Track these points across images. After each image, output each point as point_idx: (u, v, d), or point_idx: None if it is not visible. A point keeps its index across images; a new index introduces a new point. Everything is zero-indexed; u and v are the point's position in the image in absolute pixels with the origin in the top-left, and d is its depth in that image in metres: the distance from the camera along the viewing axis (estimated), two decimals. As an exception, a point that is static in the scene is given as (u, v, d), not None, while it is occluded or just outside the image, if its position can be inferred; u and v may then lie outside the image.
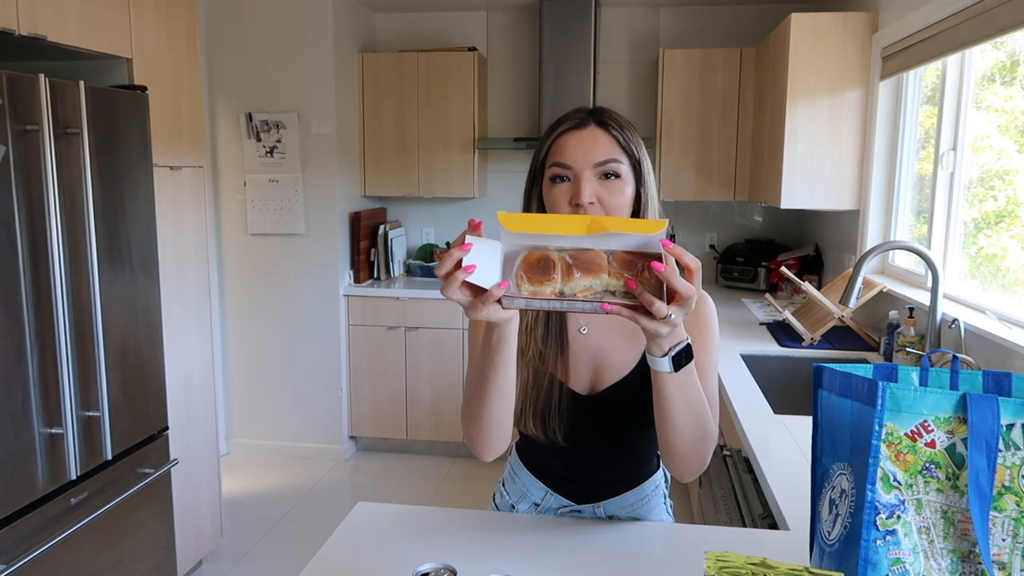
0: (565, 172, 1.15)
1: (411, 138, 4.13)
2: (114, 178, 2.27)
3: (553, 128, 1.19)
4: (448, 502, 3.63)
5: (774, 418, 1.96)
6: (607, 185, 1.14)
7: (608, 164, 1.14)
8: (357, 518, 1.34)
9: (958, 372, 0.96)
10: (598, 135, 1.15)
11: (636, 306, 0.90)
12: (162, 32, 2.60)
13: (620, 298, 0.91)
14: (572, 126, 1.17)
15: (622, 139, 1.16)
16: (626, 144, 1.16)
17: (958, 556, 0.88)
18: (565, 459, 1.33)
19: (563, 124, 1.18)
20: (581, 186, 1.12)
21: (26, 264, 1.93)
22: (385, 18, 4.37)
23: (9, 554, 1.90)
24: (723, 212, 4.31)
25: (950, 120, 2.50)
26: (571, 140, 1.15)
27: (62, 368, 2.04)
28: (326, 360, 4.04)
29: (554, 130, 1.19)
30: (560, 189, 1.15)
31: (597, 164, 1.13)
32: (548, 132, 1.20)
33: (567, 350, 1.26)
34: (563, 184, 1.15)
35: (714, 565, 0.84)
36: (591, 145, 1.14)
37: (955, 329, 2.16)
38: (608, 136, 1.15)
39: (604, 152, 1.14)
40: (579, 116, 1.18)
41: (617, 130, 1.16)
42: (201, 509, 2.91)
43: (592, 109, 1.20)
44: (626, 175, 1.15)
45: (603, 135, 1.15)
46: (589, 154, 1.14)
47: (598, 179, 1.14)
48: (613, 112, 1.20)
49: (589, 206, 1.12)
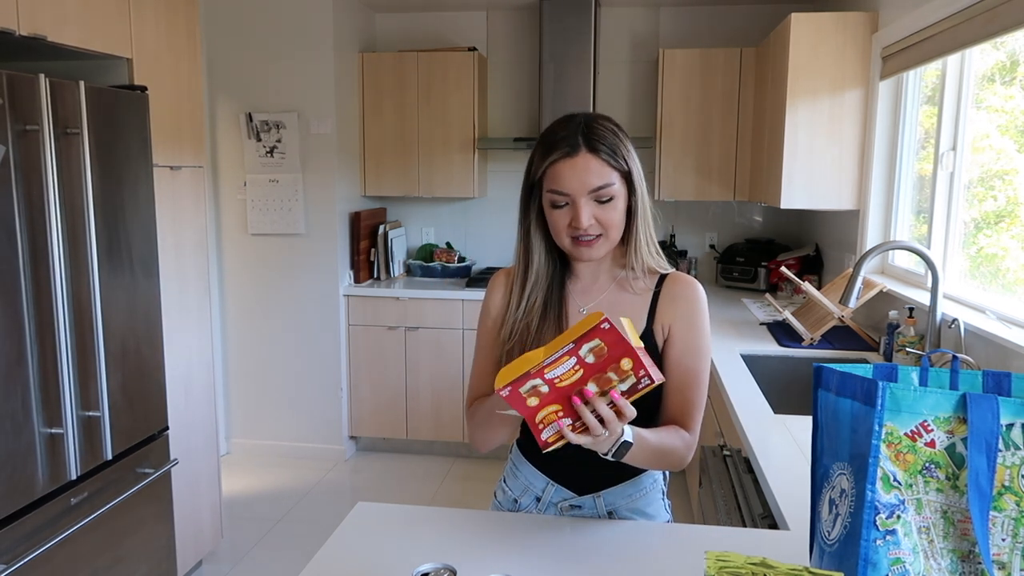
0: (562, 199, 1.25)
1: (411, 138, 4.13)
2: (114, 178, 2.27)
3: (546, 152, 1.26)
4: (448, 502, 3.63)
5: (774, 418, 1.96)
6: (602, 206, 1.25)
7: (602, 190, 1.24)
8: (357, 518, 1.34)
9: (958, 372, 0.96)
10: (590, 162, 1.23)
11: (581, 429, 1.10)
12: (162, 32, 2.60)
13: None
14: (564, 154, 1.24)
15: (612, 160, 1.25)
16: (616, 163, 1.25)
17: (958, 556, 0.88)
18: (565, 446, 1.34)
19: (555, 152, 1.25)
20: (579, 211, 1.23)
21: (26, 264, 1.93)
22: (385, 18, 4.37)
23: (9, 554, 1.90)
24: (723, 212, 4.31)
25: (950, 120, 2.50)
26: (565, 169, 1.24)
27: (62, 368, 2.04)
28: (326, 360, 4.04)
29: (547, 155, 1.26)
30: (560, 214, 1.26)
31: (592, 191, 1.23)
32: (542, 155, 1.27)
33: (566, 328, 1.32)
34: (562, 209, 1.26)
35: (714, 565, 0.84)
36: (584, 174, 1.23)
37: (955, 329, 2.16)
38: (599, 161, 1.24)
39: (597, 179, 1.23)
40: (569, 142, 1.24)
41: (607, 152, 1.24)
42: (201, 509, 2.91)
43: (582, 125, 1.26)
44: (619, 192, 1.26)
45: (594, 161, 1.23)
46: (584, 182, 1.23)
47: (594, 202, 1.24)
48: (600, 126, 1.26)
49: (588, 227, 1.24)
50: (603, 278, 1.37)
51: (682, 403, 1.32)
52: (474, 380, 1.42)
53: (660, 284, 1.35)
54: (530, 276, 1.35)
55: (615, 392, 1.07)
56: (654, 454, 1.24)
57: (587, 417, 1.07)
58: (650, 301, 1.34)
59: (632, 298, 1.34)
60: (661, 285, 1.35)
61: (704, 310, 1.34)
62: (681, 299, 1.33)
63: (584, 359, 1.06)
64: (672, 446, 1.27)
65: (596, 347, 1.05)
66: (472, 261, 4.40)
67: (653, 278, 1.36)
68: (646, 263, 1.33)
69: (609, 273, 1.37)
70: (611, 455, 1.16)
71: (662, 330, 1.33)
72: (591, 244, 1.26)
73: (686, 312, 1.33)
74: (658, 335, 1.33)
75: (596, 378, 1.07)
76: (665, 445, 1.26)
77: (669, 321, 1.33)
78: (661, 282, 1.35)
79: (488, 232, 4.50)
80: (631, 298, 1.34)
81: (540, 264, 1.35)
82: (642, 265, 1.33)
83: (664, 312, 1.33)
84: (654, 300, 1.34)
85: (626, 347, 1.05)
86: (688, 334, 1.32)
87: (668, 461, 1.29)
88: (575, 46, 3.92)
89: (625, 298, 1.35)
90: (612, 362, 1.06)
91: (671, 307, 1.33)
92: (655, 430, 1.27)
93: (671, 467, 1.31)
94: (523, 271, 1.36)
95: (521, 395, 1.07)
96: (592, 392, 1.07)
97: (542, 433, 1.10)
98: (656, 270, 1.36)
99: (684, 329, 1.32)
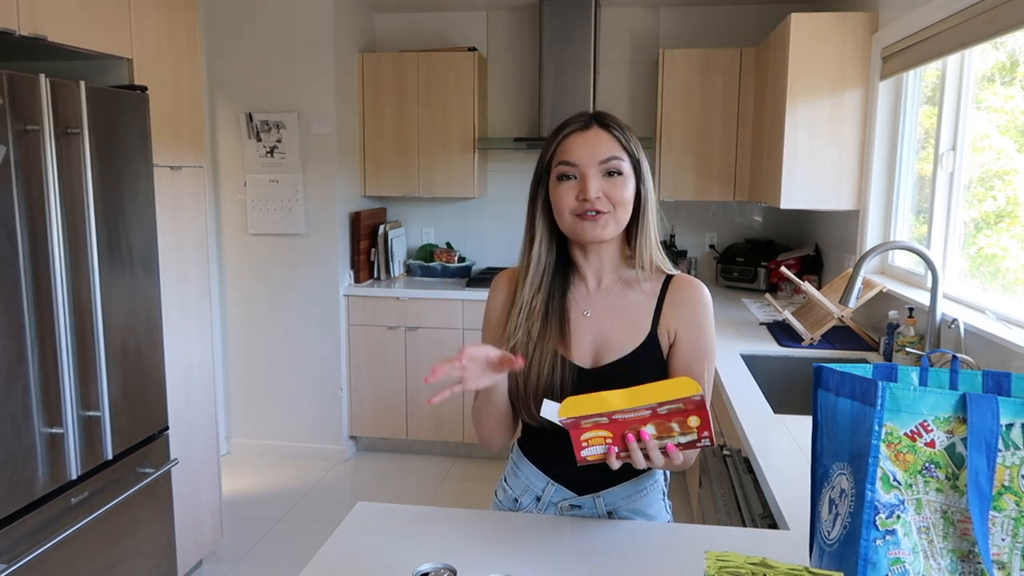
0: (571, 171, 1.25)
1: (411, 138, 4.13)
2: (114, 178, 2.27)
3: (558, 131, 1.30)
4: (448, 502, 3.63)
5: (774, 418, 1.96)
6: (611, 181, 1.25)
7: (611, 161, 1.25)
8: (357, 518, 1.34)
9: (958, 372, 0.96)
10: (601, 135, 1.27)
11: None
12: (162, 32, 2.60)
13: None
14: (576, 128, 1.27)
15: (623, 139, 1.27)
16: (627, 144, 1.27)
17: (958, 556, 0.88)
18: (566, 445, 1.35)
19: (568, 127, 1.29)
20: (588, 182, 1.24)
21: (26, 264, 1.93)
22: (385, 18, 4.38)
23: (9, 554, 1.90)
24: (723, 212, 4.31)
25: (950, 120, 2.50)
26: (576, 140, 1.26)
27: (62, 368, 2.04)
28: (326, 360, 4.04)
29: (559, 132, 1.29)
30: (566, 186, 1.26)
31: (601, 162, 1.25)
32: (553, 135, 1.30)
33: (568, 331, 1.33)
34: (569, 182, 1.26)
35: (714, 565, 0.84)
36: (595, 144, 1.25)
37: (955, 329, 2.16)
38: (610, 136, 1.27)
39: (607, 150, 1.25)
40: (582, 119, 1.29)
41: (618, 131, 1.27)
42: (201, 509, 2.91)
43: (594, 113, 1.30)
44: (628, 172, 1.27)
45: (605, 135, 1.27)
46: (594, 152, 1.25)
47: (603, 176, 1.25)
48: (613, 116, 1.31)
49: (596, 200, 1.23)
50: (608, 279, 1.35)
51: None
52: None
53: (665, 286, 1.34)
54: (533, 270, 1.33)
55: (671, 445, 1.07)
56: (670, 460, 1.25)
57: (635, 454, 1.08)
58: (655, 303, 1.33)
59: (638, 300, 1.33)
60: (667, 287, 1.34)
61: (710, 314, 1.34)
62: (687, 302, 1.32)
63: (658, 412, 1.05)
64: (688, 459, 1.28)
65: (675, 408, 1.05)
66: (472, 261, 4.40)
67: (659, 279, 1.35)
68: (652, 258, 1.33)
69: (615, 273, 1.35)
70: None
71: (667, 333, 1.32)
72: (596, 220, 1.25)
73: (692, 316, 1.32)
74: (663, 338, 1.32)
75: (658, 423, 1.07)
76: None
77: (675, 325, 1.32)
78: (666, 284, 1.34)
79: (488, 232, 4.50)
80: (637, 300, 1.33)
81: (545, 257, 1.33)
82: (651, 261, 1.32)
83: (670, 315, 1.32)
84: (659, 302, 1.33)
85: (702, 410, 1.04)
86: (694, 338, 1.32)
87: (672, 464, 1.29)
88: (575, 46, 3.92)
89: (631, 300, 1.33)
90: (681, 416, 1.06)
91: (677, 310, 1.32)
92: None
93: (674, 468, 1.31)
94: (527, 263, 1.35)
95: (581, 425, 1.07)
96: (649, 436, 1.07)
97: (584, 450, 1.09)
98: (662, 270, 1.35)
99: (690, 333, 1.32)
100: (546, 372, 1.30)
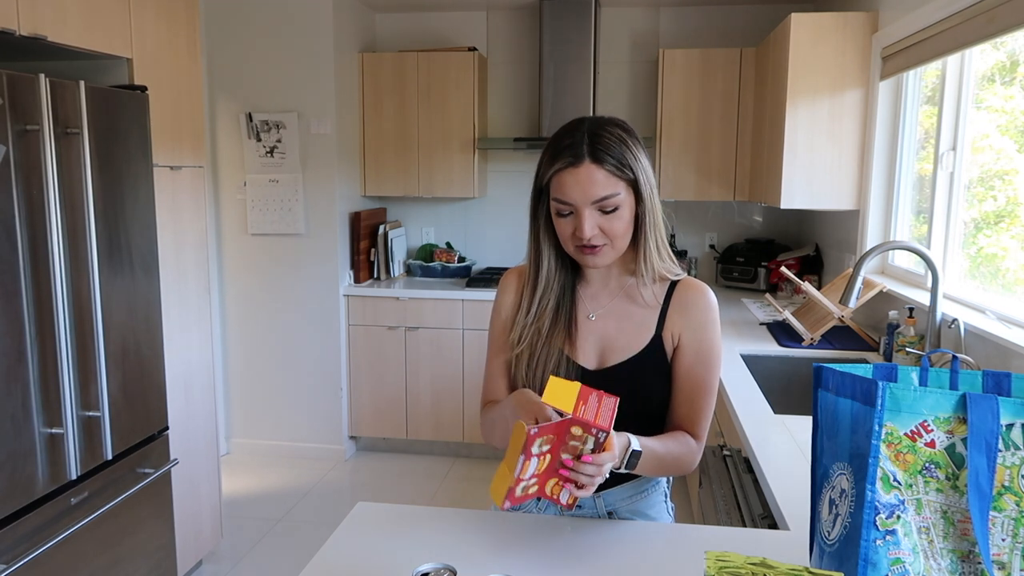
0: (566, 208, 1.24)
1: (411, 138, 4.13)
2: (114, 178, 2.27)
3: (552, 159, 1.24)
4: (448, 502, 3.63)
5: (774, 418, 1.96)
6: (606, 216, 1.23)
7: (605, 201, 1.22)
8: (357, 518, 1.34)
9: (958, 372, 0.96)
10: (593, 173, 1.21)
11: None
12: (162, 32, 2.60)
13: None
14: (568, 164, 1.22)
15: (617, 171, 1.22)
16: (622, 173, 1.22)
17: (958, 556, 0.88)
18: None
19: (559, 159, 1.23)
20: (582, 222, 1.22)
21: (26, 264, 1.93)
22: (385, 18, 4.37)
23: (9, 554, 1.90)
24: (723, 212, 4.31)
25: (950, 120, 2.50)
26: (568, 179, 1.22)
27: (62, 368, 2.04)
28: (326, 360, 4.04)
29: (552, 163, 1.24)
30: (565, 222, 1.26)
31: (595, 201, 1.22)
32: (547, 162, 1.26)
33: (575, 333, 1.34)
34: (567, 218, 1.25)
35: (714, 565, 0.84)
36: (588, 185, 1.21)
37: (955, 329, 2.16)
38: (603, 172, 1.21)
39: (601, 190, 1.21)
40: (574, 152, 1.22)
41: (612, 163, 1.21)
42: (201, 509, 2.91)
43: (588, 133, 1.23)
44: (624, 202, 1.23)
45: (598, 172, 1.21)
46: (587, 193, 1.21)
47: (598, 212, 1.23)
48: (607, 134, 1.23)
49: (592, 237, 1.23)
50: (613, 284, 1.36)
51: (691, 411, 1.32)
52: (487, 382, 1.42)
53: (671, 291, 1.34)
54: (540, 280, 1.34)
55: (586, 456, 1.12)
56: (661, 462, 1.27)
57: (581, 478, 1.13)
58: (660, 309, 1.33)
59: (643, 304, 1.33)
60: (672, 292, 1.33)
61: (715, 318, 1.33)
62: (692, 307, 1.32)
63: (543, 453, 1.10)
64: (679, 453, 1.29)
65: (544, 440, 1.09)
66: (472, 261, 4.40)
67: (664, 285, 1.34)
68: (656, 271, 1.32)
69: (618, 280, 1.36)
70: (624, 467, 1.19)
71: (671, 338, 1.32)
72: (595, 252, 1.25)
73: (696, 320, 1.31)
74: (667, 343, 1.32)
75: (564, 448, 1.13)
76: (672, 453, 1.28)
77: (679, 330, 1.32)
78: (672, 289, 1.34)
79: (488, 232, 4.50)
80: (642, 304, 1.34)
81: (550, 268, 1.34)
82: (652, 274, 1.31)
83: (674, 320, 1.32)
84: (664, 308, 1.33)
85: (564, 423, 1.09)
86: (698, 343, 1.31)
87: (675, 468, 1.30)
88: (575, 46, 3.92)
89: (636, 304, 1.34)
90: (566, 437, 1.11)
91: (681, 315, 1.32)
92: (662, 439, 1.28)
93: (678, 473, 1.32)
94: (534, 274, 1.35)
95: (520, 495, 1.14)
96: (570, 461, 1.12)
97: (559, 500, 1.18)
98: (667, 276, 1.34)
99: (694, 338, 1.31)
100: (551, 371, 1.31)
